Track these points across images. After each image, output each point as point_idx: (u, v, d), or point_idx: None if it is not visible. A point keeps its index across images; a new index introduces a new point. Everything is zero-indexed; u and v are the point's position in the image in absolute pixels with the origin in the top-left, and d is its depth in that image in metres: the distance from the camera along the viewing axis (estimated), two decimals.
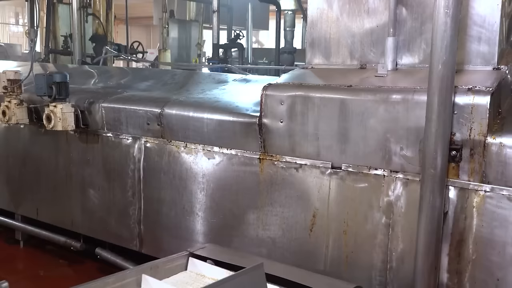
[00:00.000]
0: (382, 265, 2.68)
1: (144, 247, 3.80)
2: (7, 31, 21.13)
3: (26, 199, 4.73)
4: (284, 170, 3.00)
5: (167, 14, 11.27)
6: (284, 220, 3.03)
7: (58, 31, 7.76)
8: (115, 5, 7.70)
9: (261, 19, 13.61)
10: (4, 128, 4.81)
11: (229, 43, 9.21)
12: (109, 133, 3.93)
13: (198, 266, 2.48)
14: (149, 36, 23.93)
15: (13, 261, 4.67)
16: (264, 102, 3.00)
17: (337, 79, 2.85)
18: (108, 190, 3.98)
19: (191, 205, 3.48)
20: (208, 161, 3.37)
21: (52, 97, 3.93)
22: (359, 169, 2.72)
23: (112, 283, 2.16)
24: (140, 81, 4.65)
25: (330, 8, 3.00)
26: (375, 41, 2.85)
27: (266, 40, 20.87)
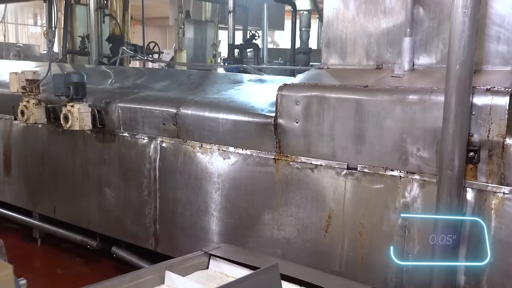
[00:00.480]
0: (398, 267, 2.66)
1: (159, 246, 3.81)
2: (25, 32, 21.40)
3: (43, 198, 4.79)
4: (299, 170, 2.99)
5: (183, 14, 11.32)
6: (299, 220, 3.03)
7: (75, 32, 7.83)
8: (132, 6, 7.74)
9: (276, 19, 13.59)
10: (23, 128, 4.87)
11: (245, 43, 9.21)
12: (126, 132, 3.96)
13: (220, 265, 2.48)
14: (165, 37, 24.05)
15: (30, 259, 4.73)
16: (279, 102, 3.00)
17: (353, 80, 2.84)
18: (124, 190, 4.01)
19: (206, 205, 3.49)
20: (224, 161, 3.37)
21: (70, 97, 3.97)
22: (375, 170, 2.70)
23: (135, 279, 2.19)
24: (156, 81, 4.68)
25: (346, 8, 2.98)
26: (392, 41, 2.83)
27: (281, 40, 20.84)
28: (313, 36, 9.77)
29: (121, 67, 6.54)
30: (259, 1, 11.57)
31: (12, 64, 6.88)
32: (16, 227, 5.20)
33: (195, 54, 12.03)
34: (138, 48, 7.84)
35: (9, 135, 5.04)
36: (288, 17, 11.28)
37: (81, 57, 7.68)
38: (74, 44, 7.78)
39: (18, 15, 20.47)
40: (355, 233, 2.81)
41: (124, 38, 7.27)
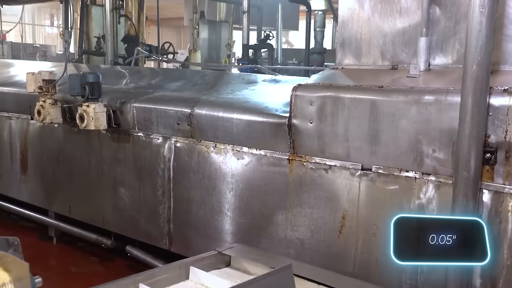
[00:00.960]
0: (413, 269, 2.64)
1: (173, 245, 3.83)
2: (42, 33, 21.65)
3: (59, 196, 4.83)
4: (313, 171, 2.99)
5: (197, 15, 11.35)
6: (313, 221, 3.02)
7: (91, 32, 7.91)
8: (147, 7, 7.79)
9: (291, 19, 13.56)
10: (39, 127, 4.92)
11: (259, 43, 9.22)
12: (140, 132, 3.98)
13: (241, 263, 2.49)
14: (180, 37, 24.16)
15: (46, 257, 4.78)
16: (293, 102, 2.99)
17: (368, 80, 2.82)
18: (138, 189, 4.03)
19: (220, 205, 3.49)
20: (237, 161, 3.37)
21: (85, 97, 4.00)
22: (389, 171, 2.68)
23: (161, 274, 2.21)
24: (170, 81, 4.70)
25: (361, 8, 2.97)
26: (407, 41, 2.81)
27: (295, 40, 20.81)
28: (327, 36, 9.75)
29: (136, 67, 6.58)
30: (274, 1, 11.57)
31: (29, 65, 6.96)
32: (32, 226, 5.26)
33: (210, 54, 12.06)
34: (153, 49, 7.88)
35: (25, 135, 5.10)
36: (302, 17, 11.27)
37: (96, 57, 7.75)
38: (90, 44, 7.86)
39: (35, 16, 20.70)
40: (369, 234, 2.79)
41: (139, 38, 7.32)
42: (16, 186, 5.29)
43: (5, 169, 5.38)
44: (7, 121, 5.28)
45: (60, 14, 9.31)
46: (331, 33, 13.82)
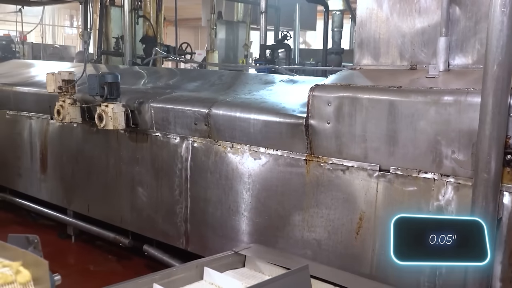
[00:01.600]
0: (431, 271, 2.61)
1: (190, 245, 3.85)
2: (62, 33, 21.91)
3: (78, 195, 4.89)
4: (331, 171, 2.97)
5: (215, 15, 11.39)
6: (330, 222, 3.00)
7: (110, 33, 7.97)
8: (165, 7, 7.83)
9: (308, 19, 13.53)
10: (58, 127, 4.98)
11: (276, 43, 9.21)
12: (158, 132, 4.00)
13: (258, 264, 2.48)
14: (197, 37, 24.24)
15: (65, 255, 4.83)
16: (311, 103, 2.98)
17: (386, 80, 2.80)
18: (156, 189, 4.05)
19: (236, 205, 3.50)
20: (254, 161, 3.37)
21: (104, 97, 4.04)
22: (408, 172, 2.66)
23: (176, 274, 2.22)
24: (188, 81, 4.72)
25: (380, 8, 2.95)
26: (427, 41, 2.78)
27: (313, 40, 20.74)
28: (345, 36, 9.69)
29: (154, 68, 6.63)
30: (291, 2, 11.55)
31: (49, 65, 7.05)
32: (52, 224, 5.33)
33: (227, 54, 12.09)
34: (171, 49, 7.92)
35: (45, 134, 5.17)
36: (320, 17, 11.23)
37: (115, 57, 7.81)
38: (108, 45, 7.92)
39: (55, 17, 20.96)
40: (387, 235, 2.76)
41: (157, 39, 7.36)
42: (36, 185, 5.36)
43: (25, 168, 5.46)
44: (28, 121, 5.36)
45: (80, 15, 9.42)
46: (349, 33, 13.73)
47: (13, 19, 11.39)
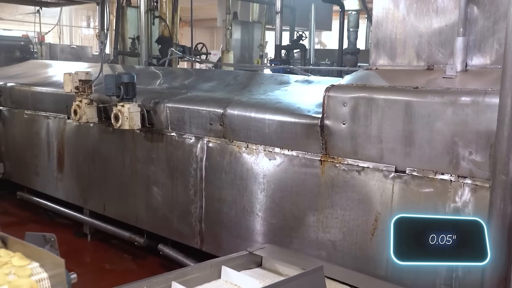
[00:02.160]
0: (448, 274, 2.58)
1: (204, 245, 3.86)
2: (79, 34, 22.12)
3: (94, 195, 4.93)
4: (346, 172, 2.96)
5: (230, 15, 11.39)
6: (345, 223, 2.99)
7: (126, 34, 8.03)
8: (181, 8, 7.87)
9: (324, 19, 13.47)
10: (75, 127, 5.03)
11: (292, 44, 9.19)
12: (173, 132, 4.02)
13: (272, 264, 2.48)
14: (213, 38, 24.31)
15: (81, 254, 4.88)
16: (326, 103, 2.97)
17: (402, 81, 2.78)
18: (171, 188, 4.07)
19: (251, 205, 3.50)
20: (269, 161, 3.37)
21: (120, 97, 4.07)
22: (424, 173, 2.63)
23: (193, 272, 2.23)
24: (203, 82, 4.73)
25: (396, 7, 2.93)
26: (444, 41, 2.75)
27: (328, 41, 20.67)
28: (361, 36, 9.64)
29: (169, 68, 6.66)
30: (307, 2, 11.51)
31: (66, 65, 7.13)
32: (68, 223, 5.38)
33: (242, 55, 12.10)
34: (186, 49, 7.95)
35: (62, 134, 5.22)
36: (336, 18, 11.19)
37: (131, 58, 7.87)
38: (125, 45, 7.99)
39: (73, 17, 21.18)
40: None
41: (173, 39, 7.40)
42: (53, 184, 5.42)
43: (43, 167, 5.52)
44: (45, 121, 5.42)
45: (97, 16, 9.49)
46: (365, 33, 13.66)
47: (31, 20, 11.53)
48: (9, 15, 16.26)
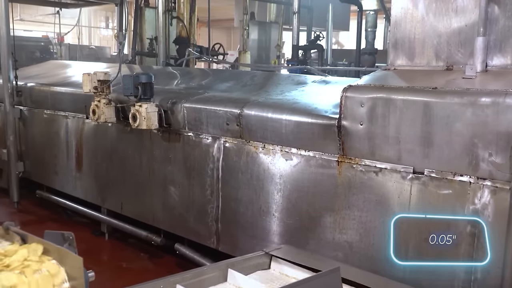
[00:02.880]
0: (466, 276, 2.55)
1: (220, 245, 3.86)
2: (97, 34, 22.35)
3: (111, 194, 4.97)
4: (363, 173, 2.94)
5: (247, 16, 11.41)
6: (362, 224, 2.97)
7: (144, 34, 8.09)
8: (198, 8, 7.90)
9: (341, 19, 13.42)
10: (94, 126, 5.08)
11: (309, 44, 9.17)
12: (190, 132, 4.04)
13: (281, 266, 2.48)
14: (230, 38, 24.36)
15: (98, 252, 4.92)
16: (343, 104, 2.95)
17: (421, 81, 2.75)
18: (187, 188, 4.09)
19: (267, 206, 3.49)
20: (286, 162, 3.36)
21: (138, 97, 4.09)
22: (443, 174, 2.60)
23: (198, 276, 2.23)
24: (220, 82, 4.74)
25: (415, 7, 2.90)
26: (464, 41, 2.72)
27: (346, 41, 20.57)
28: (379, 36, 9.57)
29: (187, 68, 6.69)
30: (324, 2, 11.48)
31: (85, 65, 7.20)
32: (86, 221, 5.43)
33: (259, 55, 12.10)
34: (204, 50, 7.98)
35: (81, 133, 5.28)
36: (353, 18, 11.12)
37: (149, 58, 7.92)
38: (143, 46, 8.04)
39: (91, 18, 21.41)
40: (420, 239, 2.72)
41: (190, 40, 7.42)
42: (71, 183, 5.48)
43: (62, 166, 5.59)
44: (64, 120, 5.48)
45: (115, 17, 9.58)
46: (383, 33, 13.57)
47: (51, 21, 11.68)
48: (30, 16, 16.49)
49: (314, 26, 11.69)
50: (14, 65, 5.87)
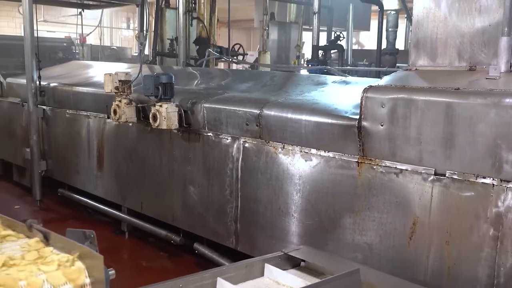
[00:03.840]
0: (488, 280, 2.51)
1: (239, 245, 3.87)
2: (119, 35, 22.56)
3: (132, 193, 5.01)
4: (383, 174, 2.91)
5: (267, 16, 11.40)
6: (382, 226, 2.94)
7: (165, 35, 8.13)
8: (218, 9, 7.92)
9: (362, 19, 13.32)
10: (115, 126, 5.13)
11: (329, 44, 9.12)
12: (210, 132, 4.05)
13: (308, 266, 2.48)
14: (250, 39, 24.39)
15: (119, 251, 4.96)
16: (364, 104, 2.93)
17: (443, 82, 2.71)
18: (207, 188, 4.10)
19: (286, 206, 3.49)
20: (305, 163, 3.35)
21: (158, 97, 4.12)
22: (465, 176, 2.56)
23: (237, 270, 2.27)
24: (240, 82, 4.75)
25: (437, 7, 2.86)
26: (487, 41, 2.68)
27: (366, 41, 20.43)
28: (400, 36, 9.49)
29: (207, 69, 6.71)
30: (345, 2, 11.41)
31: (106, 66, 7.28)
32: (107, 220, 5.49)
33: (279, 55, 12.09)
34: (224, 50, 7.99)
35: (102, 133, 5.34)
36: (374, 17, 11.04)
37: (169, 58, 7.97)
38: (163, 46, 8.09)
39: (113, 19, 21.62)
40: (441, 242, 2.69)
41: (210, 40, 7.45)
42: (92, 182, 5.55)
43: (83, 165, 5.66)
44: (86, 120, 5.55)
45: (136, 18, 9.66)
46: (404, 33, 13.44)
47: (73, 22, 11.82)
48: (53, 17, 16.74)
49: (335, 26, 11.62)
50: (37, 65, 5.96)
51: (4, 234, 1.75)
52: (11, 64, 7.83)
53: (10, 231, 1.78)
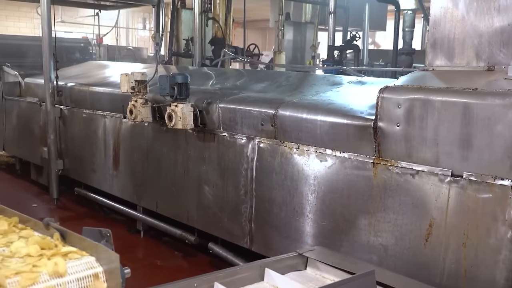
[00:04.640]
0: (506, 283, 2.47)
1: (254, 245, 3.87)
2: (135, 36, 22.71)
3: (147, 192, 5.04)
4: (399, 175, 2.89)
5: (283, 16, 11.39)
6: (398, 227, 2.92)
7: (180, 35, 8.18)
8: (234, 9, 7.93)
9: (378, 19, 13.25)
10: (130, 126, 5.16)
11: (345, 44, 9.09)
12: (225, 132, 4.06)
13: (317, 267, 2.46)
14: (265, 39, 24.38)
15: (134, 250, 5.00)
16: (380, 105, 2.91)
17: (461, 82, 2.68)
18: (222, 188, 4.11)
19: (301, 207, 3.48)
20: (320, 163, 3.34)
21: (174, 97, 4.14)
22: (482, 178, 2.53)
23: (237, 274, 2.25)
24: (255, 82, 4.75)
25: (455, 6, 2.83)
26: (506, 41, 2.64)
27: (382, 41, 20.29)
28: (416, 36, 9.41)
29: (222, 69, 6.73)
30: (361, 2, 11.34)
31: (123, 66, 7.33)
32: (122, 219, 5.53)
33: (294, 55, 12.06)
34: (239, 50, 8.01)
35: (118, 132, 5.38)
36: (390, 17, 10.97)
37: (185, 59, 8.01)
38: (179, 46, 8.14)
39: (129, 20, 21.77)
40: (458, 244, 2.65)
41: (225, 40, 7.47)
42: (108, 181, 5.59)
43: (99, 164, 5.71)
44: (102, 119, 5.60)
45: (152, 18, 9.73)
46: (421, 33, 13.31)
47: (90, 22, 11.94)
48: (70, 18, 16.91)
49: (350, 26, 11.57)
50: (55, 65, 6.03)
51: (66, 251, 1.59)
52: (29, 64, 7.94)
53: (72, 248, 1.62)
